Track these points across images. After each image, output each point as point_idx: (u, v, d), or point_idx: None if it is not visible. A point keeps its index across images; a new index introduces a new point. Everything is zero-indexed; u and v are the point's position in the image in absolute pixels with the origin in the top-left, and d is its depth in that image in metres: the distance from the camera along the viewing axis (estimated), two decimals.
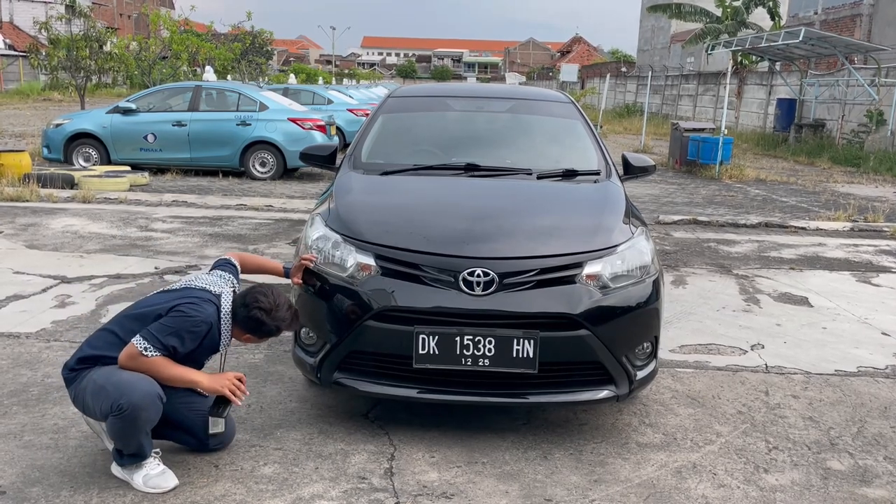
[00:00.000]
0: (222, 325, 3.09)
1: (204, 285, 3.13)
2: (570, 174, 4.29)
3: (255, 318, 3.07)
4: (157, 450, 3.08)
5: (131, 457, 2.98)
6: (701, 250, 7.88)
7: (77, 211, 8.82)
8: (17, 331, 4.72)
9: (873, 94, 18.11)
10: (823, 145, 19.16)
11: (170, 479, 2.99)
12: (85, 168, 11.70)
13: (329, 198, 3.97)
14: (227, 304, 3.12)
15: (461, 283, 3.22)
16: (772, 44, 18.17)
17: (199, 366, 3.15)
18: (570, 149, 4.72)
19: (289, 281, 3.64)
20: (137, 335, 2.94)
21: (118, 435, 2.93)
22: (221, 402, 3.06)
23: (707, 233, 8.88)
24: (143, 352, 2.91)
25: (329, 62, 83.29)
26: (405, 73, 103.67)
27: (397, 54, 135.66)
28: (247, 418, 3.62)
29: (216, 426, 3.06)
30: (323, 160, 4.75)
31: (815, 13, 27.06)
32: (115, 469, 3.04)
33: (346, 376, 3.38)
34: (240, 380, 3.07)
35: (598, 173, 4.37)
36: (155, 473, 2.98)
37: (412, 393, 3.32)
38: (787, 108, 22.07)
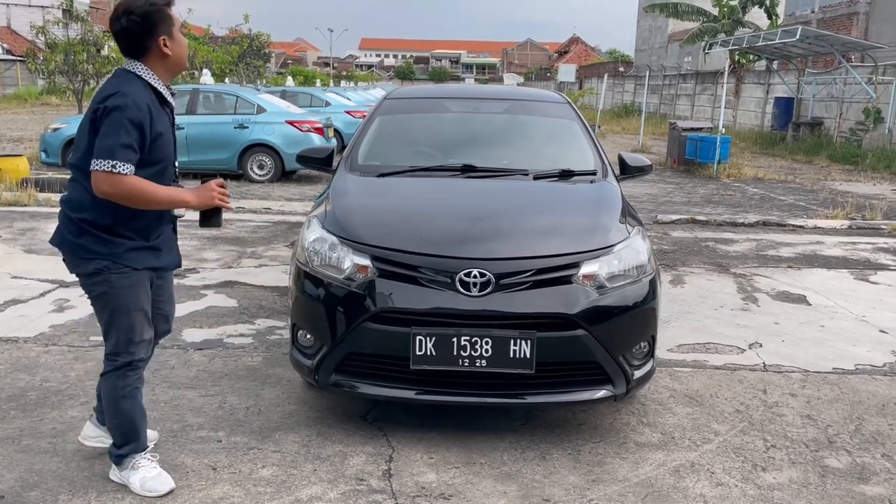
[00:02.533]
0: (147, 76, 2.77)
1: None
2: (566, 174, 4.29)
3: (138, 20, 2.70)
4: (156, 454, 3.09)
5: (126, 445, 2.96)
6: (699, 249, 7.89)
7: None
8: (15, 335, 4.72)
9: (871, 91, 18.13)
10: (821, 143, 19.19)
11: (166, 482, 2.98)
12: None
13: (326, 200, 3.98)
14: (142, 67, 2.78)
15: (458, 284, 3.23)
16: (769, 42, 18.19)
17: (170, 168, 2.91)
18: (567, 149, 4.72)
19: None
20: (93, 159, 2.63)
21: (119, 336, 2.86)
22: (213, 213, 2.94)
23: (705, 232, 8.89)
24: (113, 169, 2.61)
25: (327, 64, 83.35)
26: (403, 74, 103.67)
27: (395, 56, 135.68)
28: (245, 421, 3.62)
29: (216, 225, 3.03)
30: (320, 162, 4.76)
31: (812, 11, 27.09)
32: (113, 473, 3.04)
33: (344, 378, 3.38)
34: (221, 185, 2.92)
35: (594, 173, 4.37)
36: (151, 476, 2.98)
37: (410, 394, 3.33)
38: (785, 107, 22.11)
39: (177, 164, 3.02)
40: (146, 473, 2.97)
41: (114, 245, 2.79)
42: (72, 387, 3.96)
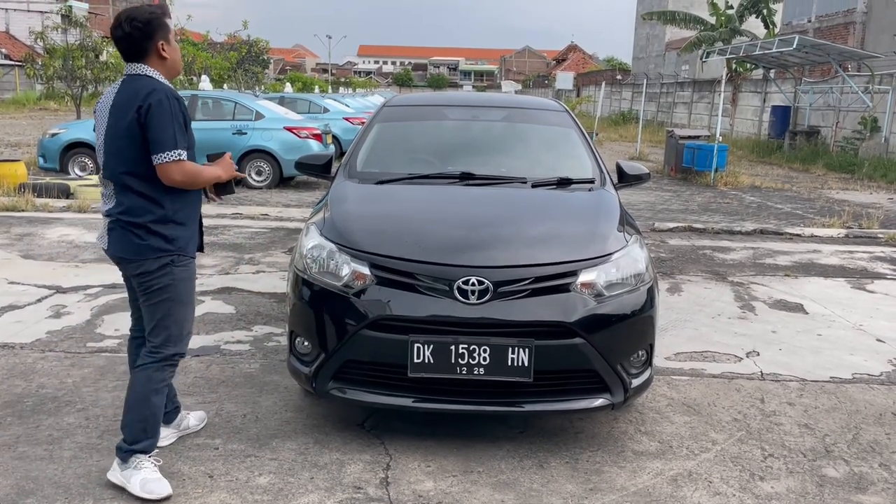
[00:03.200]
0: (157, 76, 3.00)
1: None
2: (564, 182, 4.30)
3: (140, 25, 2.93)
4: (159, 459, 3.12)
5: (141, 442, 3.03)
6: (696, 257, 7.90)
7: (72, 220, 8.81)
8: (11, 341, 4.71)
9: (867, 100, 18.20)
10: (818, 152, 19.24)
11: (165, 487, 3.00)
12: (81, 177, 11.70)
13: (324, 207, 3.98)
14: (147, 68, 2.99)
15: (456, 292, 3.23)
16: (766, 51, 18.29)
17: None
18: (565, 157, 4.73)
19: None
20: (157, 153, 2.85)
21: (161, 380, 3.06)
22: (228, 183, 3.23)
23: (702, 240, 8.90)
24: (179, 157, 2.88)
25: (325, 70, 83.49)
26: (401, 81, 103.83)
27: (393, 62, 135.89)
28: (242, 428, 3.61)
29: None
30: (318, 169, 4.76)
31: (809, 21, 27.21)
32: (113, 474, 3.06)
33: (342, 386, 3.37)
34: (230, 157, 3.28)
35: (592, 182, 4.38)
36: (152, 479, 3.00)
37: (407, 402, 3.32)
38: (782, 115, 22.21)
39: None
40: (147, 475, 3.00)
41: (178, 240, 3.05)
42: (68, 393, 3.95)
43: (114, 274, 6.37)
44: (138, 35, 2.95)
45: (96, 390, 4.00)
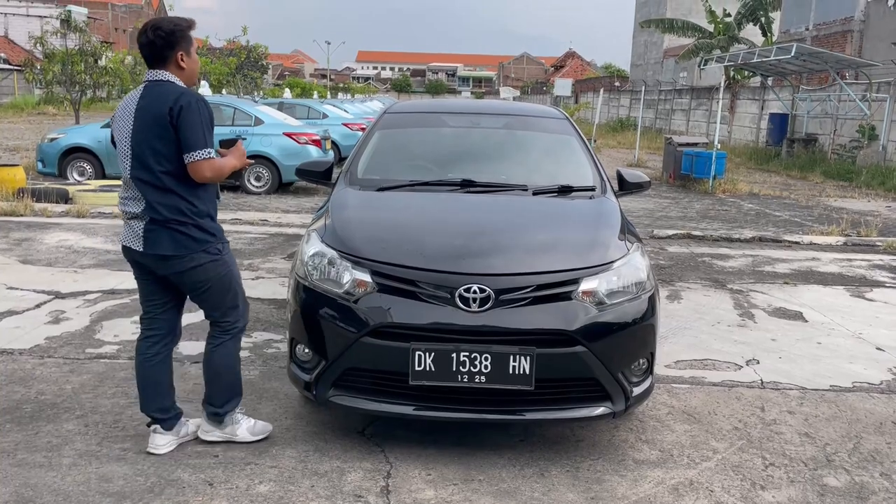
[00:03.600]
0: (178, 82, 3.18)
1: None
2: (565, 190, 4.31)
3: (163, 35, 3.13)
4: (242, 406, 3.47)
5: (231, 401, 3.37)
6: (695, 265, 7.90)
7: (71, 226, 8.80)
8: (10, 347, 4.69)
9: (865, 108, 18.25)
10: (816, 160, 19.28)
11: (268, 424, 3.51)
12: (79, 182, 11.69)
13: (325, 214, 3.98)
14: (169, 74, 3.18)
15: (457, 300, 3.22)
16: (764, 59, 18.34)
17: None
18: (565, 165, 4.74)
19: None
20: (189, 153, 3.03)
21: (233, 354, 3.38)
22: (237, 170, 3.37)
23: (701, 247, 8.91)
24: (209, 155, 3.07)
25: (324, 76, 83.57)
26: (400, 87, 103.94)
27: (392, 68, 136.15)
28: None
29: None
30: (319, 176, 4.76)
31: (807, 29, 27.29)
32: (209, 434, 3.38)
33: (342, 393, 3.37)
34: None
35: (593, 189, 4.39)
36: (254, 423, 3.36)
37: (408, 410, 3.31)
38: (780, 123, 22.26)
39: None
40: (248, 423, 3.32)
41: (217, 231, 3.28)
42: (67, 400, 3.93)
43: (113, 279, 6.37)
44: (160, 43, 3.13)
45: (95, 397, 3.99)
